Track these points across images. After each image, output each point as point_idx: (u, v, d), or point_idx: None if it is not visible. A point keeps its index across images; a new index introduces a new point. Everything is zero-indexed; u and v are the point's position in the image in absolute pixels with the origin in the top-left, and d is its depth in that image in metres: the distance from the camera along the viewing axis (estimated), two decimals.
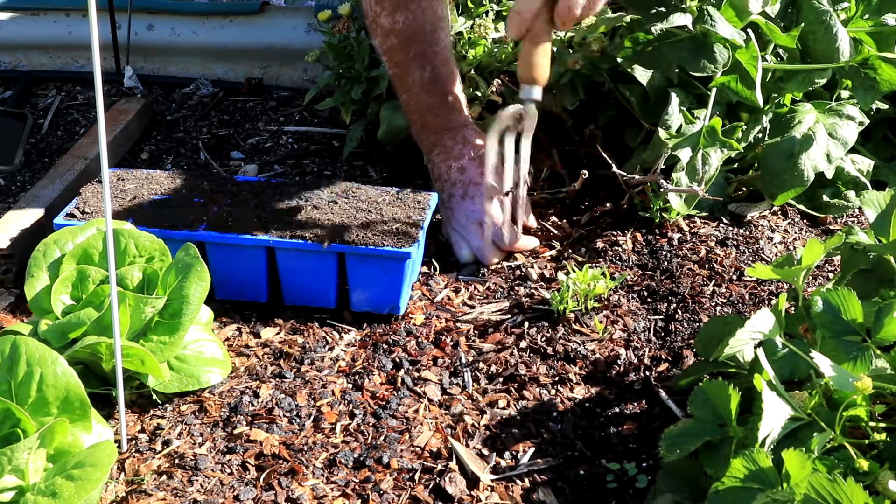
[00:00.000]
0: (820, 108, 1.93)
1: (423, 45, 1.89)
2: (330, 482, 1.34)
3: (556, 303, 1.64)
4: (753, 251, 1.91)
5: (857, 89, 1.91)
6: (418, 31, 1.89)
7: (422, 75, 1.91)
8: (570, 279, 1.65)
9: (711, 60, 1.82)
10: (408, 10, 1.88)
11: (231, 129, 2.46)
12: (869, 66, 1.90)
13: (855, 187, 2.03)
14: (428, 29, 1.89)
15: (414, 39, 1.90)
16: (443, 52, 1.91)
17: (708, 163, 1.87)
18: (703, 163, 1.87)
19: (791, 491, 1.04)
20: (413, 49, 1.90)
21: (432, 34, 1.89)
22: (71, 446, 1.24)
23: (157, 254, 1.54)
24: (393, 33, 1.91)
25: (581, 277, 1.65)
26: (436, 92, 1.91)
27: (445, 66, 1.91)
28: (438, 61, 1.90)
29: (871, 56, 1.89)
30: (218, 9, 2.80)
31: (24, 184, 2.19)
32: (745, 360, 1.38)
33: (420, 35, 1.89)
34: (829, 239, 1.41)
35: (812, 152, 1.89)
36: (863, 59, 1.89)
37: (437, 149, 1.93)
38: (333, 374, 1.56)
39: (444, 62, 1.91)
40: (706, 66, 1.82)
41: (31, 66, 2.79)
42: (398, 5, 1.89)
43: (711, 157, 1.88)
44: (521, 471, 1.37)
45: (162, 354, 1.44)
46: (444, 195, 1.89)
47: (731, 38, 1.78)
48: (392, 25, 1.90)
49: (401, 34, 1.90)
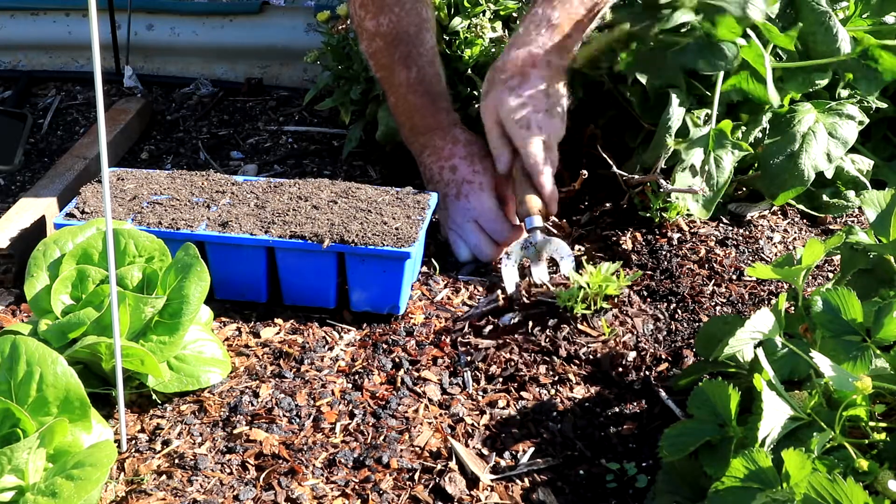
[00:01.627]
0: (820, 107, 1.93)
1: (408, 46, 1.90)
2: (330, 482, 1.34)
3: (564, 300, 1.62)
4: (753, 251, 1.91)
5: (860, 80, 1.91)
6: (403, 33, 1.89)
7: (408, 76, 1.91)
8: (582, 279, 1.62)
9: (721, 57, 1.80)
10: (391, 13, 1.89)
11: (231, 128, 2.46)
12: (869, 57, 1.90)
13: (855, 187, 2.03)
14: (412, 31, 1.90)
15: (399, 41, 1.90)
16: (428, 53, 1.91)
17: (721, 167, 1.86)
18: (716, 166, 1.86)
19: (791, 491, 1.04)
20: (398, 51, 1.90)
21: (417, 35, 1.90)
22: (71, 446, 1.24)
23: (157, 254, 1.54)
24: (378, 36, 1.91)
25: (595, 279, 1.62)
26: (422, 93, 1.91)
27: (431, 66, 1.92)
28: (424, 62, 1.91)
29: (871, 45, 1.88)
30: (218, 9, 2.80)
31: (24, 184, 2.20)
32: (744, 360, 1.38)
33: (405, 37, 1.90)
34: (828, 239, 1.41)
35: (812, 152, 1.89)
36: (863, 50, 1.89)
37: (427, 150, 1.93)
38: (333, 374, 1.56)
39: (430, 63, 1.92)
40: (717, 65, 1.80)
41: (30, 66, 2.79)
42: (381, 8, 1.89)
43: (724, 160, 1.86)
44: (521, 471, 1.37)
45: (162, 354, 1.44)
46: (439, 196, 1.89)
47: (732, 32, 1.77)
48: (377, 28, 1.90)
49: (386, 37, 1.90)
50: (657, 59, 1.87)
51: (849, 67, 1.92)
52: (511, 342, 1.60)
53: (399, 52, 1.90)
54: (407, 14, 1.89)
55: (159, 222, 1.69)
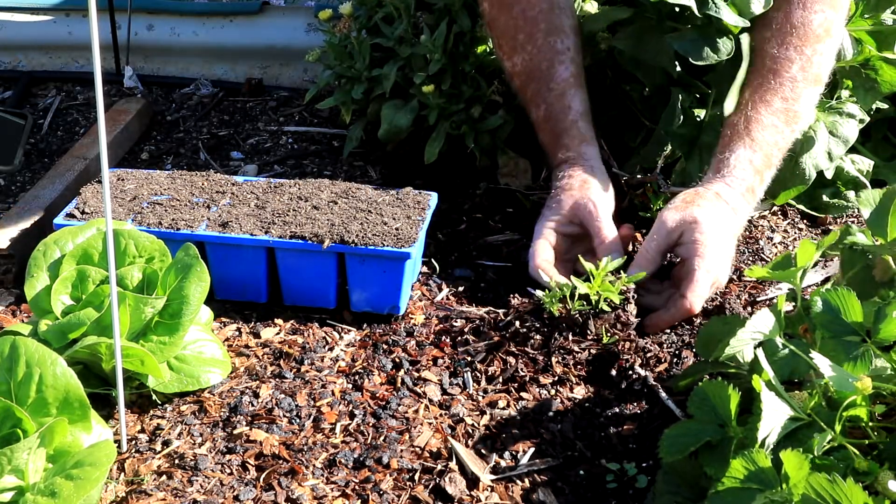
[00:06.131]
0: (820, 106, 1.93)
1: (539, 83, 1.87)
2: (330, 482, 1.34)
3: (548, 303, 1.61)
4: (753, 251, 1.91)
5: (858, 90, 1.91)
6: (535, 71, 1.87)
7: (537, 115, 1.89)
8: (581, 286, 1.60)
9: (715, 50, 1.80)
10: (524, 52, 1.87)
11: (231, 129, 2.46)
12: (870, 67, 1.90)
13: (855, 187, 2.03)
14: (544, 66, 1.86)
15: (531, 79, 1.88)
16: (559, 87, 1.86)
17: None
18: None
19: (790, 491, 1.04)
20: (530, 89, 1.89)
21: (548, 70, 1.86)
22: (70, 446, 1.24)
23: (157, 254, 1.54)
24: (514, 76, 1.91)
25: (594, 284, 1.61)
26: (548, 131, 1.88)
27: (560, 100, 1.86)
28: (553, 97, 1.86)
29: (873, 56, 1.88)
30: (218, 9, 2.80)
31: (24, 184, 2.20)
32: (744, 361, 1.38)
33: (536, 74, 1.87)
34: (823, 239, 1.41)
35: (813, 151, 1.89)
36: (864, 60, 1.89)
37: (552, 181, 1.89)
38: (333, 375, 1.56)
39: (560, 96, 1.86)
40: (709, 55, 1.80)
41: (30, 67, 2.79)
42: (514, 48, 1.88)
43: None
44: (521, 471, 1.37)
45: (162, 355, 1.44)
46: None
47: (736, 24, 1.77)
48: (512, 68, 1.91)
49: (520, 76, 1.90)
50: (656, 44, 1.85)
51: (848, 75, 1.92)
52: (511, 342, 1.60)
53: (531, 91, 1.89)
54: (539, 51, 1.86)
55: (159, 223, 1.69)
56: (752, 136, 1.74)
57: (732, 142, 1.76)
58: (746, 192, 1.73)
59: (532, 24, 1.86)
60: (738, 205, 1.72)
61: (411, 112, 2.06)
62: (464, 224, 2.02)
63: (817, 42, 1.77)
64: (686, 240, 1.66)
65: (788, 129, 1.77)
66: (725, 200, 1.71)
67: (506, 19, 1.89)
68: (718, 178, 1.74)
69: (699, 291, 1.62)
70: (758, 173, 1.74)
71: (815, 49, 1.77)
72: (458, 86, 2.05)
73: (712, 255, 1.64)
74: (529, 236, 1.83)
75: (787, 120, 1.77)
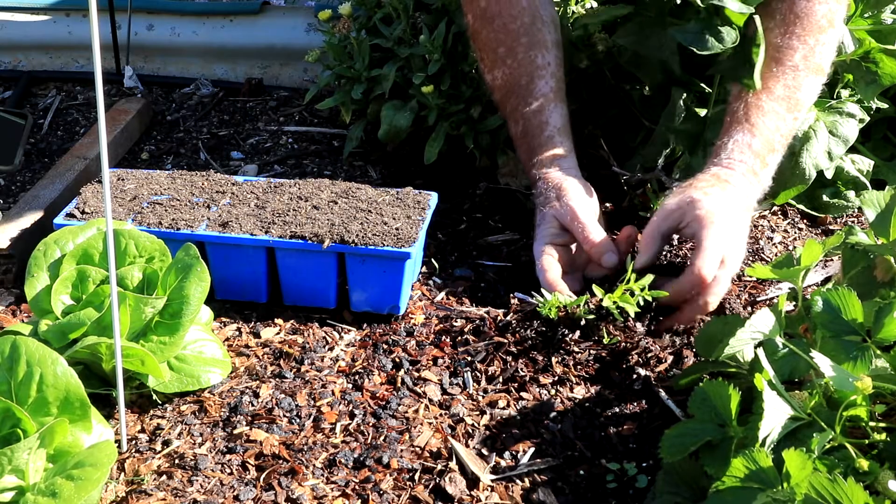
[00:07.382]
0: (820, 105, 1.93)
1: (517, 99, 1.85)
2: (330, 482, 1.34)
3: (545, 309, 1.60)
4: (753, 251, 1.91)
5: (859, 83, 1.91)
6: (514, 86, 1.86)
7: (515, 130, 1.88)
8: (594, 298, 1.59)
9: (719, 39, 1.78)
10: (504, 66, 1.86)
11: (231, 129, 2.46)
12: (870, 60, 1.89)
13: (855, 187, 2.03)
14: (524, 82, 1.85)
15: (510, 94, 1.87)
16: (536, 101, 1.84)
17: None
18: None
19: (791, 491, 1.04)
20: (509, 104, 1.88)
21: (528, 86, 1.84)
22: (71, 446, 1.24)
23: (157, 254, 1.54)
24: (494, 90, 1.90)
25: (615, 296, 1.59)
26: (525, 147, 1.86)
27: (537, 115, 1.84)
28: (530, 113, 1.84)
29: (873, 49, 1.88)
30: (218, 9, 2.80)
31: (24, 184, 2.20)
32: (745, 360, 1.38)
33: (515, 89, 1.86)
34: (827, 239, 1.41)
35: (813, 150, 1.89)
36: (864, 53, 1.89)
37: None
38: (333, 374, 1.56)
39: (537, 112, 1.84)
40: (713, 45, 1.78)
41: (31, 66, 2.79)
42: (495, 62, 1.87)
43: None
44: (521, 471, 1.37)
45: (162, 355, 1.44)
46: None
47: (740, 11, 1.75)
48: (492, 82, 1.89)
49: (500, 90, 1.88)
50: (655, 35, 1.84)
51: (849, 68, 1.92)
52: (511, 342, 1.60)
53: (510, 106, 1.87)
54: (519, 65, 1.84)
55: (159, 222, 1.69)
56: (752, 122, 1.74)
57: (731, 128, 1.75)
58: (747, 172, 1.72)
59: (513, 37, 1.84)
60: (739, 183, 1.70)
61: (411, 112, 2.06)
62: (464, 224, 2.02)
63: (820, 32, 1.77)
64: (688, 218, 1.65)
65: (790, 116, 1.76)
66: (725, 180, 1.69)
67: (487, 32, 1.87)
68: (716, 162, 1.73)
69: (709, 259, 1.59)
70: (758, 156, 1.73)
71: (817, 39, 1.76)
72: (458, 86, 2.05)
73: (718, 229, 1.61)
74: (529, 236, 1.83)
75: (788, 107, 1.76)
